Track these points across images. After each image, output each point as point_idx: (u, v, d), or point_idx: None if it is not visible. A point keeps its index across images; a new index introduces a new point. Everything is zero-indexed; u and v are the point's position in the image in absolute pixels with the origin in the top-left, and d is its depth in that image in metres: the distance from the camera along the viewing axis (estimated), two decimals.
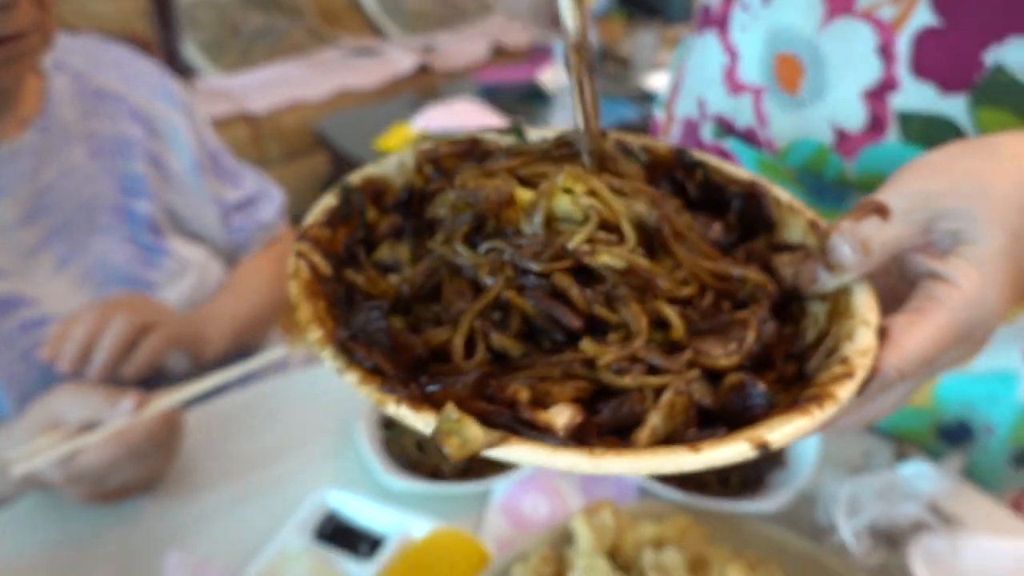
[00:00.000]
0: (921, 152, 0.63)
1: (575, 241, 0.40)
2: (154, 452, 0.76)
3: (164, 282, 1.01)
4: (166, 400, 0.77)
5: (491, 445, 0.33)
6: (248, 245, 1.14)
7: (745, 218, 0.50)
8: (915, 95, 0.61)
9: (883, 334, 0.40)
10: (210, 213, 1.08)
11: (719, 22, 0.75)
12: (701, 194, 0.53)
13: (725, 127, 0.77)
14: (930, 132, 0.63)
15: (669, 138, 0.87)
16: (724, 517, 0.70)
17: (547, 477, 0.79)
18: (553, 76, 2.84)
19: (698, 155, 0.53)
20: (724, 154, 0.76)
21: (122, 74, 1.02)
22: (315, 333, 0.38)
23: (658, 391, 0.38)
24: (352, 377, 0.36)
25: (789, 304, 0.45)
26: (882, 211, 0.41)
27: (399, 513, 0.74)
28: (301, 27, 3.52)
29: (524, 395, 0.36)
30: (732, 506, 0.72)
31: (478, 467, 0.79)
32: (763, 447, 0.34)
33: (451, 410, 0.34)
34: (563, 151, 0.49)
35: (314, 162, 3.07)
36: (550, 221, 0.42)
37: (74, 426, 0.72)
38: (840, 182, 0.69)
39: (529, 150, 0.49)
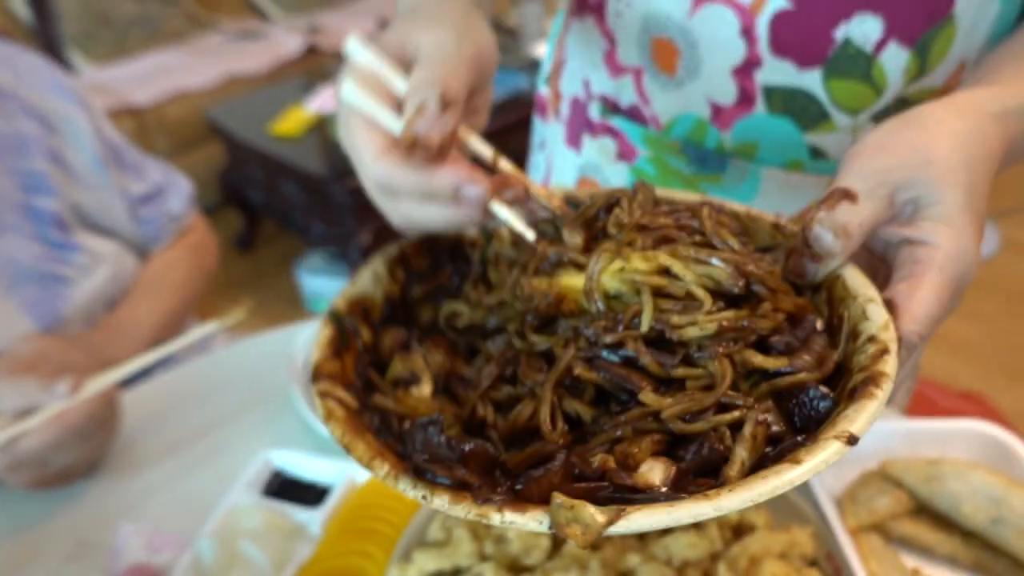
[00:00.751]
0: (785, 121, 0.72)
1: (645, 320, 0.41)
2: (95, 431, 0.78)
3: (77, 276, 1.02)
4: (101, 381, 0.79)
5: (611, 522, 0.33)
6: (159, 237, 1.15)
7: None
8: (776, 71, 0.69)
9: (890, 307, 0.44)
10: (117, 207, 1.08)
11: (595, 9, 0.80)
12: None
13: (611, 106, 0.84)
14: (791, 103, 0.71)
15: (559, 116, 0.93)
16: None
17: None
18: None
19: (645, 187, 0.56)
20: (613, 132, 0.83)
21: (11, 71, 1.00)
22: (382, 468, 0.38)
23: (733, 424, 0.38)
24: (441, 500, 0.36)
25: None
26: (850, 196, 0.46)
27: (342, 463, 0.80)
28: (178, 13, 3.41)
29: (611, 463, 0.37)
30: None
31: None
32: (853, 440, 0.35)
33: (561, 500, 0.34)
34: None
35: (207, 152, 3.00)
36: (608, 299, 0.44)
37: (10, 414, 0.74)
38: (719, 151, 0.77)
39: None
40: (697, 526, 0.65)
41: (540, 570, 0.63)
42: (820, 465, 0.35)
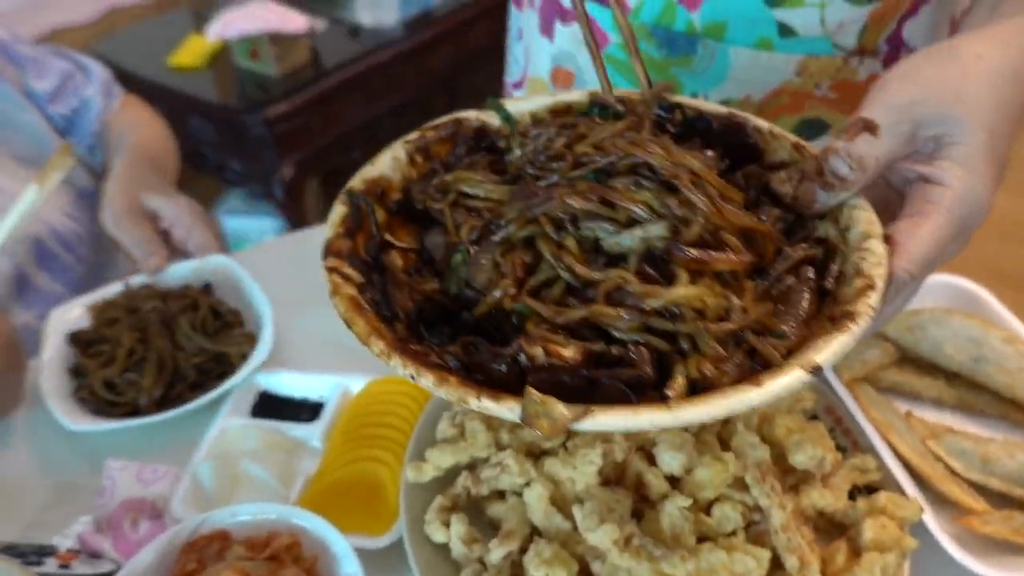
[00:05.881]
0: None
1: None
2: None
3: None
4: None
5: (577, 419, 0.35)
6: (99, 142, 1.06)
7: (729, 148, 0.52)
8: None
9: (888, 241, 0.43)
10: (26, 119, 0.97)
11: None
12: (682, 131, 0.55)
13: None
14: None
15: (533, 4, 0.88)
16: None
17: None
18: None
19: (674, 98, 0.55)
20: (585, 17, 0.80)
21: None
22: (376, 345, 0.40)
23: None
24: (427, 380, 0.38)
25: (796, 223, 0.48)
26: (871, 128, 0.44)
27: (332, 377, 0.77)
28: None
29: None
30: None
31: None
32: (816, 370, 0.37)
33: (534, 394, 0.36)
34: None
35: None
36: None
37: None
38: (688, 32, 0.75)
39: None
40: None
41: (563, 450, 0.62)
42: (779, 389, 0.36)
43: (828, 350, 0.37)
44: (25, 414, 0.76)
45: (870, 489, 0.64)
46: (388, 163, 0.52)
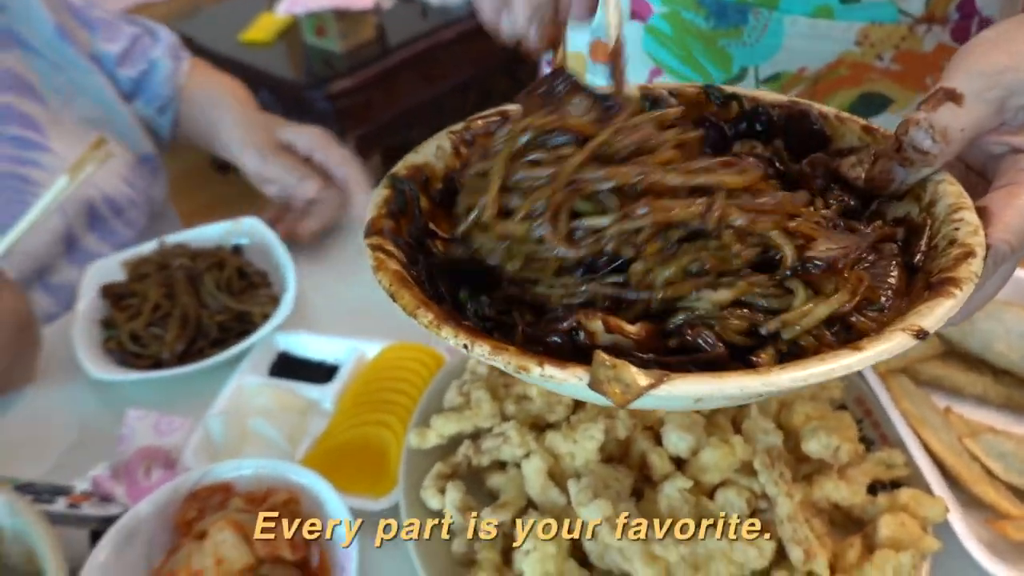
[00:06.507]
0: None
1: None
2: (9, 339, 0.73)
3: (45, 181, 0.94)
4: None
5: (653, 386, 0.32)
6: (169, 104, 1.08)
7: (794, 138, 0.50)
8: None
9: (982, 213, 0.40)
10: (94, 82, 0.99)
11: None
12: (740, 126, 0.52)
13: None
14: None
15: None
16: None
17: None
18: None
19: (728, 89, 0.52)
20: None
21: None
22: (426, 316, 0.38)
23: None
24: (482, 349, 0.35)
25: (867, 208, 0.44)
26: (955, 97, 0.41)
27: (350, 341, 0.77)
28: None
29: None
30: None
31: None
32: (922, 334, 0.34)
33: (604, 357, 0.33)
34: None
35: None
36: None
37: None
38: (740, 1, 0.71)
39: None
40: None
41: (566, 424, 0.61)
42: (882, 354, 0.33)
43: (933, 315, 0.34)
44: (56, 362, 0.79)
45: (895, 485, 0.59)
46: (432, 152, 0.50)
